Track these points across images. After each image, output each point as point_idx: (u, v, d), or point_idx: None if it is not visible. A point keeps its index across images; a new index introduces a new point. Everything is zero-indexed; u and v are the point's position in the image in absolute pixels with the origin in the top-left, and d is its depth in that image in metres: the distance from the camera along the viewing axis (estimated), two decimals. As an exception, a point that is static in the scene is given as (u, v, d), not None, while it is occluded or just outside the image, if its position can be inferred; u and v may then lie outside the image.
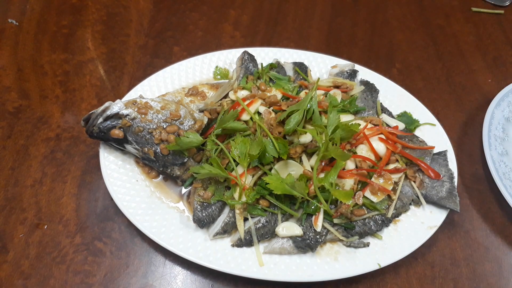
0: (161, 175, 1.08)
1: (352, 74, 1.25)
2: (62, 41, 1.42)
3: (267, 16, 1.57)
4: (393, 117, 1.20)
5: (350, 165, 1.03)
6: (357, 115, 1.18)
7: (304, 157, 1.01)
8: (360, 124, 1.06)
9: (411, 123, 1.19)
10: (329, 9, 1.62)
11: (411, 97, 1.24)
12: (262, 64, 1.28)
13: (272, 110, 1.08)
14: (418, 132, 1.19)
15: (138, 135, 1.01)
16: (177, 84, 1.24)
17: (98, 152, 1.07)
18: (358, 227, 0.98)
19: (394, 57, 1.49)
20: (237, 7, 1.58)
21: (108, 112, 1.00)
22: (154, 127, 1.02)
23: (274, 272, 0.93)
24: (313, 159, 1.01)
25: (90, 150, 1.16)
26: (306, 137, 1.01)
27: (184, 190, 1.07)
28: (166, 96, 1.13)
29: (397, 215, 1.04)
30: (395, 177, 1.05)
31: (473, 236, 1.09)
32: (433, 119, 1.20)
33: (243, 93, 1.15)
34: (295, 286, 0.97)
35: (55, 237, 1.02)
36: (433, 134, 1.18)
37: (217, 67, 1.28)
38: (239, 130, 1.03)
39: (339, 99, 1.16)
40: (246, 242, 0.96)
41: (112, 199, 1.00)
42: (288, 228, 0.97)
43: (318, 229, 0.96)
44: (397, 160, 1.08)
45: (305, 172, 0.97)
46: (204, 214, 0.97)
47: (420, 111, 1.22)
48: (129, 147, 1.03)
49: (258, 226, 0.97)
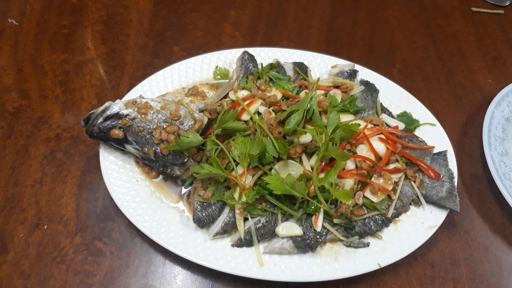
0: (161, 175, 1.08)
1: (352, 74, 1.25)
2: (62, 41, 1.42)
3: (267, 16, 1.57)
4: (393, 117, 1.20)
5: (350, 165, 1.03)
6: (357, 115, 1.18)
7: (304, 157, 1.01)
8: (360, 124, 1.06)
9: (411, 123, 1.19)
10: (329, 9, 1.62)
11: (411, 97, 1.24)
12: (262, 64, 1.28)
13: (272, 110, 1.08)
14: (418, 132, 1.19)
15: (138, 135, 1.01)
16: (177, 84, 1.24)
17: (98, 152, 1.07)
18: (358, 227, 0.98)
19: (394, 57, 1.49)
20: (237, 7, 1.58)
21: (108, 112, 1.00)
22: (154, 127, 1.02)
23: (274, 272, 0.93)
24: (313, 159, 1.01)
25: (90, 150, 1.16)
26: (306, 137, 1.01)
27: (184, 190, 1.07)
28: (166, 96, 1.13)
29: (397, 215, 1.04)
30: (395, 177, 1.05)
31: (473, 236, 1.09)
32: (433, 119, 1.20)
33: (243, 93, 1.15)
34: (295, 286, 0.97)
35: (55, 237, 1.02)
36: (433, 134, 1.18)
37: (217, 67, 1.28)
38: (239, 130, 1.03)
39: (339, 99, 1.16)
40: (246, 242, 0.96)
41: (112, 199, 1.00)
42: (288, 228, 0.97)
43: (318, 229, 0.96)
44: (397, 160, 1.08)
45: (305, 172, 0.97)
46: (204, 214, 0.97)
47: (420, 111, 1.22)
48: (129, 147, 1.03)
49: (258, 226, 0.97)
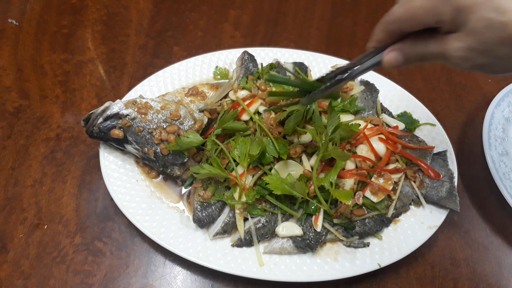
0: (161, 175, 1.08)
1: (352, 74, 1.25)
2: (62, 41, 1.42)
3: (267, 16, 1.57)
4: (393, 117, 1.20)
5: (350, 165, 1.03)
6: (357, 115, 1.18)
7: (304, 157, 1.01)
8: (360, 124, 1.06)
9: (411, 123, 1.19)
10: (329, 9, 1.62)
11: (411, 97, 1.24)
12: (262, 64, 1.28)
13: (273, 111, 1.08)
14: (418, 132, 1.19)
15: (138, 135, 1.01)
16: (177, 84, 1.24)
17: (98, 152, 1.07)
18: (358, 227, 0.98)
19: (394, 57, 1.49)
20: (237, 7, 1.58)
21: (108, 112, 1.00)
22: (154, 127, 1.02)
23: (274, 272, 0.93)
24: (313, 159, 1.01)
25: (90, 150, 1.16)
26: (306, 137, 1.01)
27: (184, 190, 1.07)
28: (166, 96, 1.13)
29: (397, 215, 1.04)
30: (395, 177, 1.05)
31: (473, 236, 1.09)
32: (433, 119, 1.20)
33: (243, 93, 1.15)
34: (295, 286, 0.97)
35: (55, 237, 1.02)
36: (433, 134, 1.18)
37: (217, 67, 1.28)
38: (239, 130, 1.03)
39: (339, 99, 1.16)
40: (246, 242, 0.96)
41: (112, 199, 1.00)
42: (288, 228, 0.97)
43: (318, 229, 0.96)
44: (397, 160, 1.08)
45: (305, 172, 0.97)
46: (204, 214, 0.97)
47: (420, 111, 1.22)
48: (129, 147, 1.03)
49: (258, 226, 0.97)
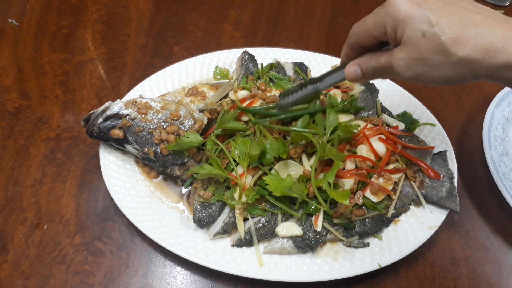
0: (161, 175, 1.08)
1: (352, 74, 1.25)
2: (62, 41, 1.42)
3: (267, 16, 1.57)
4: (393, 117, 1.20)
5: (350, 165, 1.03)
6: (357, 115, 1.18)
7: (304, 157, 1.01)
8: (359, 125, 1.06)
9: (411, 123, 1.19)
10: (329, 9, 1.62)
11: (411, 97, 1.24)
12: (262, 64, 1.28)
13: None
14: (418, 132, 1.19)
15: (138, 135, 1.01)
16: (177, 84, 1.24)
17: (98, 152, 1.07)
18: (358, 227, 0.98)
19: (394, 57, 1.49)
20: (237, 7, 1.58)
21: (108, 112, 1.00)
22: (154, 127, 1.02)
23: (274, 272, 0.93)
24: (313, 159, 1.01)
25: (90, 150, 1.16)
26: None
27: (184, 190, 1.07)
28: (166, 96, 1.13)
29: (397, 215, 1.04)
30: (395, 177, 1.05)
31: (473, 236, 1.09)
32: (433, 119, 1.20)
33: (243, 93, 1.15)
34: (295, 286, 0.98)
35: (55, 237, 1.02)
36: (433, 134, 1.18)
37: (217, 67, 1.28)
38: (239, 130, 1.03)
39: (339, 99, 1.16)
40: (246, 242, 0.96)
41: (112, 199, 1.00)
42: (288, 228, 0.97)
43: (318, 229, 0.96)
44: (397, 160, 1.08)
45: (305, 172, 0.97)
46: (204, 214, 0.97)
47: (420, 111, 1.22)
48: (129, 147, 1.03)
49: (258, 226, 0.97)
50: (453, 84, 0.73)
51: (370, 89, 1.22)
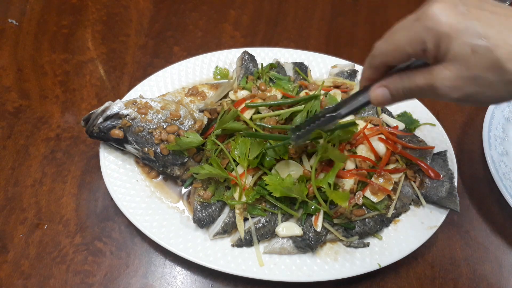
0: (161, 175, 1.08)
1: (352, 74, 1.25)
2: (62, 41, 1.42)
3: (267, 16, 1.57)
4: (393, 117, 1.20)
5: (350, 165, 1.03)
6: (357, 115, 1.18)
7: (304, 158, 1.01)
8: (359, 125, 1.06)
9: (411, 123, 1.18)
10: (329, 9, 1.62)
11: (411, 97, 1.24)
12: (262, 64, 1.28)
13: (272, 111, 1.08)
14: (418, 132, 1.19)
15: (138, 135, 1.01)
16: (177, 84, 1.24)
17: (98, 152, 1.07)
18: (358, 227, 0.98)
19: (394, 57, 1.49)
20: (237, 7, 1.58)
21: (108, 112, 1.00)
22: (154, 127, 1.02)
23: (274, 272, 0.93)
24: (313, 160, 1.01)
25: (90, 150, 1.16)
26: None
27: (184, 190, 1.07)
28: (166, 96, 1.13)
29: (397, 215, 1.04)
30: (395, 177, 1.05)
31: (473, 236, 1.09)
32: (433, 119, 1.20)
33: (243, 93, 1.15)
34: (295, 286, 0.98)
35: (55, 237, 1.02)
36: (433, 134, 1.18)
37: (217, 67, 1.28)
38: (239, 130, 1.03)
39: (339, 99, 1.16)
40: (246, 242, 0.96)
41: (112, 199, 1.00)
42: (288, 228, 0.97)
43: (318, 229, 0.96)
44: (397, 160, 1.08)
45: (305, 173, 0.97)
46: (204, 214, 0.97)
47: (420, 111, 1.22)
48: (129, 147, 1.03)
49: (258, 226, 0.97)
50: (504, 102, 0.65)
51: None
